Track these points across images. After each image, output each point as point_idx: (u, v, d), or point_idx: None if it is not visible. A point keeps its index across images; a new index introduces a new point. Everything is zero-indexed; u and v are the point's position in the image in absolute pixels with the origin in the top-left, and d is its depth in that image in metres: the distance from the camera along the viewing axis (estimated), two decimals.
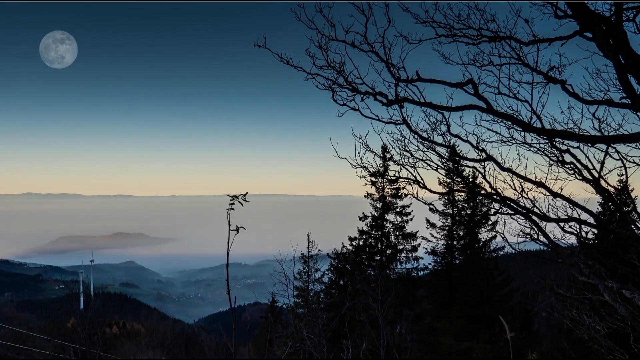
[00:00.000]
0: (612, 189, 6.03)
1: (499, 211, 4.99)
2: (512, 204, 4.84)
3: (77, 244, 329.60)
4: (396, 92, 4.78)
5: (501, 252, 22.53)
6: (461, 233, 21.57)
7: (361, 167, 4.97)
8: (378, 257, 21.39)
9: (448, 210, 21.57)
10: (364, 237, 21.54)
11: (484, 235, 21.43)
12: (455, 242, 21.65)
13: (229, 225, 2.54)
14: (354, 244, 21.79)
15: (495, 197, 5.13)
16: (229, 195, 2.73)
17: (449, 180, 21.11)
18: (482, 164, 5.05)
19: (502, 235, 6.21)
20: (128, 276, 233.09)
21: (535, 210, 4.71)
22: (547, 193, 4.59)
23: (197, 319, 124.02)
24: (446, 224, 21.68)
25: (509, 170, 4.58)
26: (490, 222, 21.46)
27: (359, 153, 4.86)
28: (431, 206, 19.25)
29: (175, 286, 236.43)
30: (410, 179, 4.90)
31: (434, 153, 4.91)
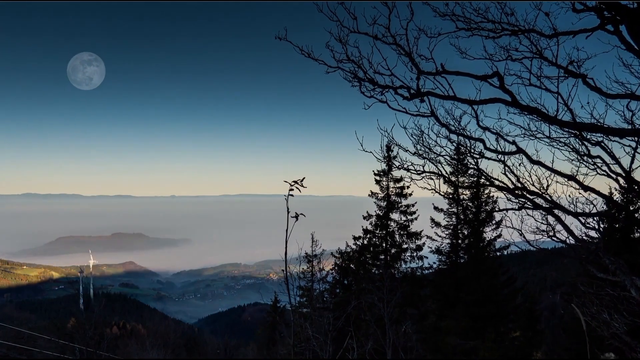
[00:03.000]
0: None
1: (523, 206, 4.92)
2: (536, 199, 4.77)
3: (76, 244, 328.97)
4: (418, 85, 4.72)
5: (505, 252, 22.44)
6: (466, 232, 21.48)
7: (385, 159, 4.89)
8: (382, 256, 21.30)
9: (453, 209, 21.49)
10: (369, 236, 21.44)
11: (488, 234, 21.36)
12: (460, 241, 21.56)
13: (288, 211, 2.47)
14: (358, 243, 21.69)
15: (517, 192, 5.06)
16: (286, 181, 2.66)
17: (454, 179, 21.05)
18: (503, 157, 4.98)
19: (520, 232, 6.12)
20: (127, 276, 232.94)
21: (561, 205, 4.64)
22: (578, 187, 4.52)
23: (197, 319, 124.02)
24: (451, 222, 21.58)
25: (539, 163, 4.52)
26: (494, 221, 21.39)
27: (381, 148, 4.79)
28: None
29: (175, 286, 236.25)
30: (435, 173, 4.84)
31: (452, 147, 4.84)
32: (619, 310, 5.93)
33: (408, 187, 20.99)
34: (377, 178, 21.20)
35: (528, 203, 4.84)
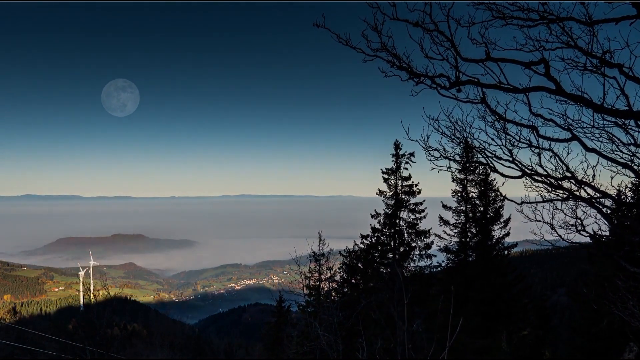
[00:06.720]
0: None
1: (568, 197, 4.81)
2: (577, 191, 4.66)
3: (76, 245, 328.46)
4: (457, 74, 4.61)
5: (507, 252, 22.26)
6: (474, 230, 21.36)
7: (428, 149, 4.79)
8: (391, 255, 21.15)
9: (461, 207, 21.38)
10: (377, 234, 21.28)
11: (497, 232, 21.26)
12: (468, 240, 21.44)
13: None
14: (366, 241, 21.53)
15: (553, 182, 4.95)
16: (393, 154, 2.55)
17: (462, 177, 20.98)
18: (544, 144, 4.88)
19: (551, 225, 6.01)
20: (128, 277, 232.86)
21: (611, 195, 4.54)
22: (632, 175, 4.42)
23: (197, 320, 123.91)
24: (459, 221, 21.45)
25: (593, 150, 4.42)
26: (503, 219, 21.31)
27: (422, 137, 4.68)
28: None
29: (175, 287, 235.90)
30: (482, 163, 4.74)
31: (496, 137, 4.74)
32: None
33: (417, 184, 20.85)
34: (385, 176, 21.05)
35: (570, 195, 4.73)
